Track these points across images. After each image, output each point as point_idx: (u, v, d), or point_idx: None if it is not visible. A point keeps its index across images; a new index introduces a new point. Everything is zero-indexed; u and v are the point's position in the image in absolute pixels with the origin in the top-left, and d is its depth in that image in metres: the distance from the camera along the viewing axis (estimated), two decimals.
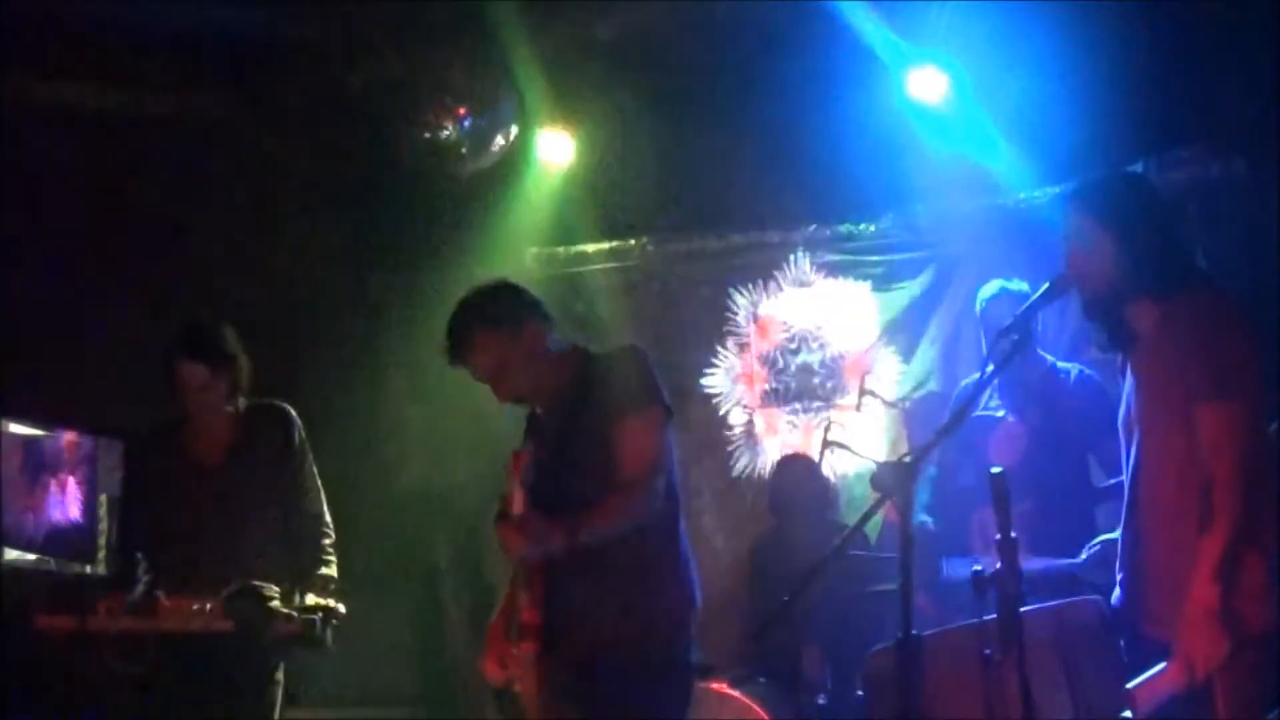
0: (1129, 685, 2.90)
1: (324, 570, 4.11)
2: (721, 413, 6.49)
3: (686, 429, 6.39)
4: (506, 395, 3.48)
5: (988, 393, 4.35)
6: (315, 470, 4.24)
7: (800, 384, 6.43)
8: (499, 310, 3.43)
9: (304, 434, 4.22)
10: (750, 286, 6.52)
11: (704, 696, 4.67)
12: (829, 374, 6.40)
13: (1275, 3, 4.81)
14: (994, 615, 2.74)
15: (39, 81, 5.01)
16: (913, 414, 6.04)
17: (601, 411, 3.34)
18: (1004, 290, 4.62)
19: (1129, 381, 3.14)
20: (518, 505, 3.29)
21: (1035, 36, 5.21)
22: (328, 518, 4.22)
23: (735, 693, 4.92)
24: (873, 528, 5.28)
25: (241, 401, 4.15)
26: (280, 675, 4.13)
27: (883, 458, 5.81)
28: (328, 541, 4.19)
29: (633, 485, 3.27)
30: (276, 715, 4.12)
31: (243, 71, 5.44)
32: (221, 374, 4.06)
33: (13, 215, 4.82)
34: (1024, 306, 3.10)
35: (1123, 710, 2.89)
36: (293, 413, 4.22)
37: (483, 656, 3.48)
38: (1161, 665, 2.88)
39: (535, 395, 3.49)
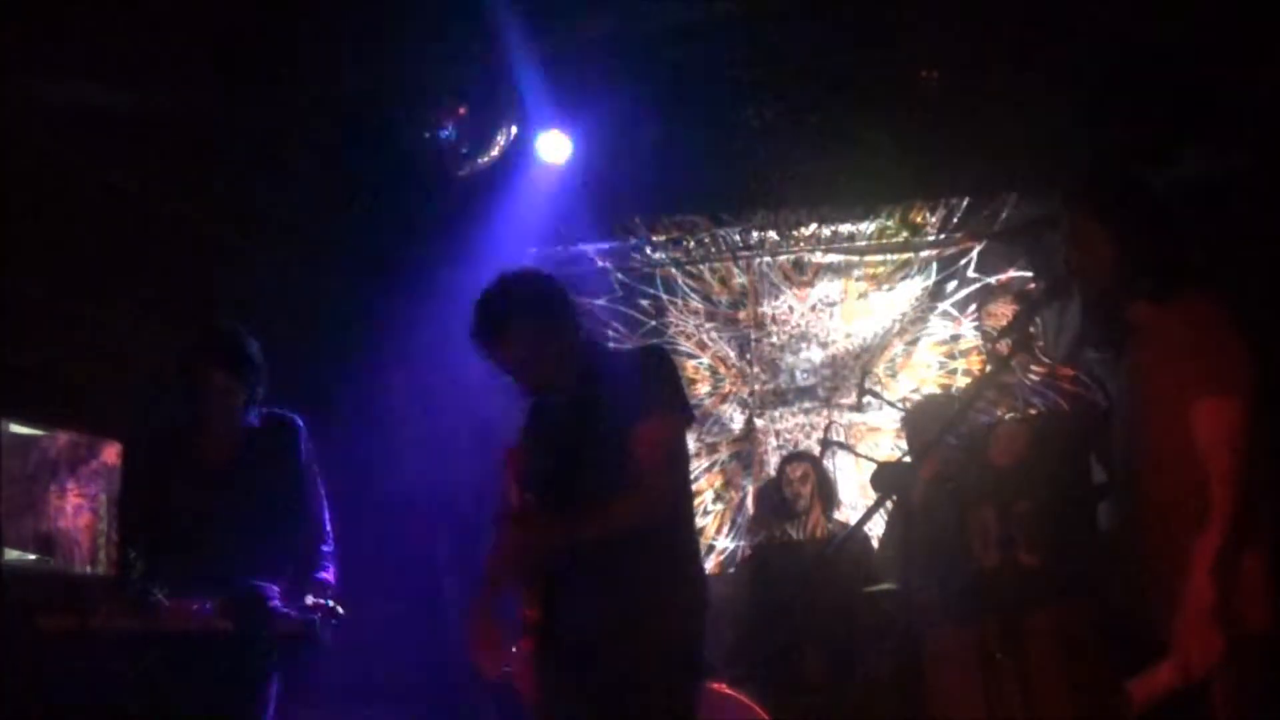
0: (1127, 684, 2.90)
1: (322, 575, 4.12)
2: (721, 413, 6.50)
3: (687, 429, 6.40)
4: (531, 384, 3.37)
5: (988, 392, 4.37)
6: (320, 479, 4.26)
7: (800, 384, 6.44)
8: (536, 297, 3.31)
9: (311, 444, 4.23)
10: (751, 286, 6.53)
11: (704, 696, 4.67)
12: (829, 374, 6.41)
13: (1274, 2, 4.82)
14: (994, 615, 2.75)
15: (39, 79, 5.00)
16: (914, 414, 6.05)
17: (621, 408, 3.24)
18: (1008, 290, 4.61)
19: (1127, 380, 3.14)
20: (516, 502, 3.26)
21: (1036, 37, 5.22)
22: (329, 527, 4.24)
23: (735, 693, 4.92)
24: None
25: (255, 409, 4.16)
26: (280, 676, 4.13)
27: (883, 458, 5.81)
28: (327, 549, 4.20)
29: (646, 484, 3.20)
30: (275, 716, 4.11)
31: (242, 70, 5.43)
32: (244, 382, 4.07)
33: (12, 215, 4.81)
34: (1023, 307, 3.11)
35: (1121, 710, 2.89)
36: (302, 424, 4.23)
37: (473, 650, 3.41)
38: (1159, 664, 2.87)
39: (556, 386, 3.36)
